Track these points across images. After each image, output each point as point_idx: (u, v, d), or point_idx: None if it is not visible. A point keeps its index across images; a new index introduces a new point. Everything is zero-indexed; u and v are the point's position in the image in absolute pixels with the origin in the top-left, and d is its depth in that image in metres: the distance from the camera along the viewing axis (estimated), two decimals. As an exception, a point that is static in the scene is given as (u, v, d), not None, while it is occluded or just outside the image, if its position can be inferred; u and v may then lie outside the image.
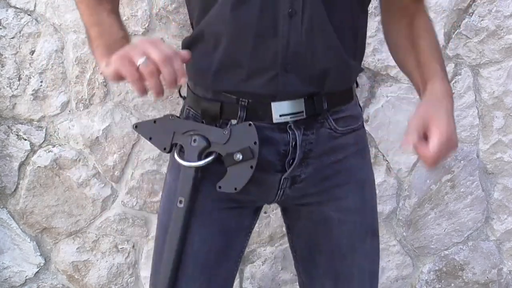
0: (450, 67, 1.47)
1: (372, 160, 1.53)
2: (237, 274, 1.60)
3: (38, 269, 1.56)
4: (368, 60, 1.44)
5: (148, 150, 1.46)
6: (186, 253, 0.92)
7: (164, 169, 1.37)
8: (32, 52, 1.36)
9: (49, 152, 1.44)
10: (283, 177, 0.91)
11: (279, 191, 0.93)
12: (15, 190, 1.48)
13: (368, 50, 1.42)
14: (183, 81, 0.72)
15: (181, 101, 1.01)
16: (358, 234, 0.98)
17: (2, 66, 1.37)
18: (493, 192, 1.62)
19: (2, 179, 1.47)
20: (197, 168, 0.88)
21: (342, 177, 0.95)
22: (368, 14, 1.41)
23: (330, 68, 0.86)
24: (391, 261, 1.65)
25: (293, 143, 0.88)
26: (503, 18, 1.42)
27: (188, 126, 0.89)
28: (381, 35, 1.41)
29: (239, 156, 0.85)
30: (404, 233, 1.63)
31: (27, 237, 1.52)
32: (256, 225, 1.55)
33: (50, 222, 1.51)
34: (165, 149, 0.90)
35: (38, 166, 1.45)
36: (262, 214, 1.54)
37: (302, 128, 0.88)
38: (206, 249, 0.94)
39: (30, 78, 1.38)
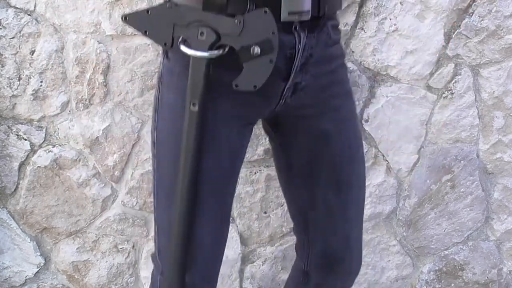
0: (450, 67, 1.47)
1: (372, 160, 1.53)
2: (237, 274, 1.61)
3: (38, 269, 1.56)
4: (368, 60, 1.44)
5: (148, 150, 1.46)
6: (200, 169, 0.85)
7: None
8: (32, 52, 1.36)
9: (49, 152, 1.44)
10: (286, 86, 0.87)
11: (280, 100, 0.89)
12: (15, 190, 1.48)
13: (368, 50, 1.43)
14: None
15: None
16: (353, 143, 0.98)
17: (2, 66, 1.37)
18: (493, 192, 1.62)
19: (2, 179, 1.47)
20: (208, 63, 0.78)
21: (335, 88, 0.94)
22: (368, 15, 1.42)
23: None
24: (391, 261, 1.65)
25: (298, 46, 0.83)
26: (503, 18, 1.42)
27: (191, 16, 0.79)
28: (381, 35, 1.42)
29: (257, 50, 0.78)
30: (404, 233, 1.63)
31: (27, 237, 1.52)
32: (256, 225, 1.56)
33: (50, 222, 1.51)
34: (165, 44, 0.81)
35: (38, 166, 1.45)
36: (262, 214, 1.54)
37: (306, 31, 0.84)
38: (217, 166, 0.89)
39: (30, 78, 1.38)
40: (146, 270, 1.58)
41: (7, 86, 1.38)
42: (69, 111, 1.42)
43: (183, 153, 0.83)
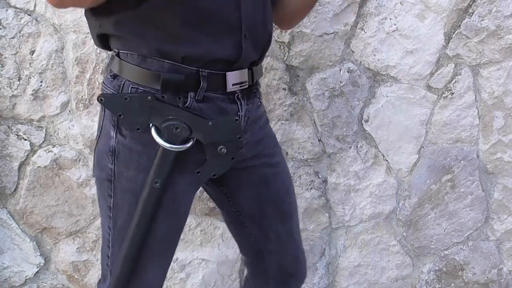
0: (450, 67, 1.47)
1: (372, 160, 1.53)
2: (237, 274, 1.61)
3: (38, 269, 1.56)
4: (368, 60, 1.44)
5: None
6: (154, 234, 0.94)
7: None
8: (32, 52, 1.36)
9: (49, 152, 1.44)
10: None
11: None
12: (15, 190, 1.48)
13: (368, 50, 1.43)
14: None
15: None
16: (287, 180, 1.12)
17: (2, 66, 1.37)
18: (493, 192, 1.62)
19: (2, 179, 1.47)
20: (176, 153, 0.87)
21: (268, 141, 1.07)
22: (368, 14, 1.42)
23: (270, 37, 0.98)
24: (391, 261, 1.65)
25: (241, 112, 0.95)
26: (503, 18, 1.42)
27: (167, 111, 0.87)
28: (381, 35, 1.42)
29: (223, 150, 0.90)
30: (404, 233, 1.63)
31: (27, 237, 1.52)
32: (256, 225, 1.56)
33: (50, 222, 1.51)
34: (138, 129, 0.88)
35: (38, 166, 1.45)
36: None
37: (245, 98, 0.96)
38: (174, 230, 0.99)
39: (30, 78, 1.38)
40: (146, 270, 1.58)
41: (7, 86, 1.38)
42: (69, 111, 1.42)
43: (137, 221, 0.91)
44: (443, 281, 1.69)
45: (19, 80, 1.38)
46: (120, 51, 0.90)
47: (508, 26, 1.43)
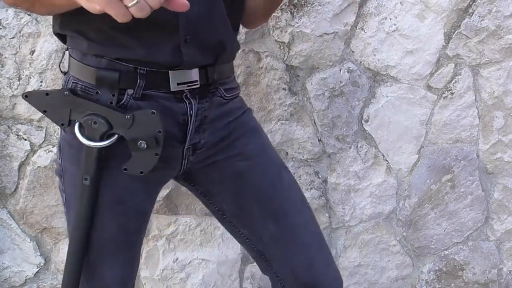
0: (450, 67, 1.47)
1: (372, 160, 1.53)
2: (237, 274, 1.61)
3: (38, 269, 1.56)
4: (368, 60, 1.44)
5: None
6: (102, 234, 0.93)
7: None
8: (32, 52, 1.36)
9: (49, 152, 1.44)
10: (185, 148, 0.93)
11: (183, 161, 0.95)
12: (15, 190, 1.48)
13: (368, 50, 1.43)
14: (186, 8, 0.70)
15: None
16: (271, 172, 1.01)
17: (2, 66, 1.37)
18: (493, 192, 1.62)
19: (2, 179, 1.47)
20: (99, 150, 0.85)
21: (237, 132, 1.00)
22: (368, 14, 1.42)
23: (225, 40, 0.92)
24: (391, 261, 1.65)
25: (190, 112, 0.91)
26: (503, 18, 1.42)
27: (86, 106, 0.85)
28: (381, 35, 1.42)
29: (143, 145, 0.85)
30: (404, 233, 1.63)
31: (27, 237, 1.52)
32: (256, 225, 1.56)
33: (50, 222, 1.51)
34: (62, 124, 0.87)
35: (38, 166, 1.45)
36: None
37: (197, 97, 0.92)
38: (125, 231, 0.95)
39: (30, 78, 1.38)
40: (146, 270, 1.58)
41: (7, 86, 1.38)
42: (69, 111, 1.42)
43: (75, 222, 0.91)
44: (443, 281, 1.69)
45: (19, 80, 1.38)
46: (69, 47, 0.92)
47: (508, 26, 1.43)
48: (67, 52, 0.94)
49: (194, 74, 0.90)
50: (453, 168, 1.57)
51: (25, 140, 1.43)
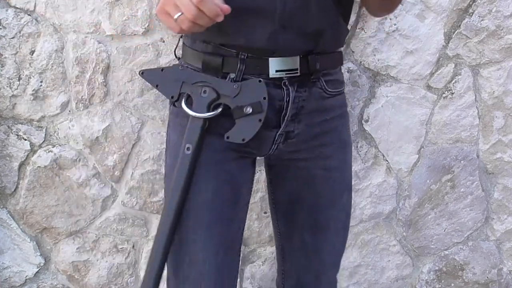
0: (450, 67, 1.47)
1: (372, 160, 1.53)
2: (237, 274, 1.61)
3: (38, 269, 1.56)
4: (368, 60, 1.44)
5: (148, 150, 1.46)
6: (197, 202, 0.94)
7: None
8: (32, 52, 1.36)
9: (49, 152, 1.44)
10: (278, 133, 0.96)
11: (273, 145, 0.98)
12: (15, 190, 1.48)
13: (368, 50, 1.43)
14: (220, 18, 0.79)
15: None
16: (338, 190, 1.05)
17: (2, 66, 1.37)
18: (493, 192, 1.62)
19: (2, 179, 1.47)
20: (205, 119, 0.90)
21: (328, 137, 1.01)
22: (368, 14, 1.41)
23: (324, 28, 0.92)
24: (391, 261, 1.65)
25: (287, 98, 0.94)
26: (503, 18, 1.42)
27: (198, 77, 0.92)
28: (381, 35, 1.42)
29: (249, 109, 0.89)
30: (404, 233, 1.63)
31: (27, 237, 1.52)
32: (256, 225, 1.57)
33: (50, 222, 1.51)
34: (172, 97, 0.94)
35: (38, 166, 1.45)
36: (262, 214, 1.54)
37: (295, 85, 0.94)
38: (219, 198, 0.97)
39: (30, 78, 1.38)
40: (146, 270, 1.58)
41: (7, 86, 1.38)
42: (69, 111, 1.42)
43: (171, 190, 0.93)
44: (443, 281, 1.69)
45: (19, 80, 1.38)
46: (183, 35, 1.00)
47: (508, 26, 1.43)
48: (181, 39, 1.03)
49: (294, 62, 0.92)
50: (453, 168, 1.57)
51: (25, 140, 1.43)
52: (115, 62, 1.38)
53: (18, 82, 1.38)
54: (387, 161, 1.54)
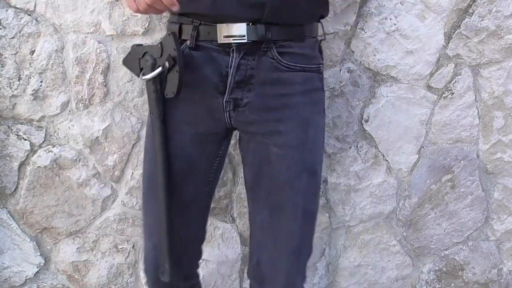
0: (450, 67, 1.47)
1: (372, 160, 1.53)
2: (237, 274, 1.61)
3: (38, 269, 1.56)
4: (368, 60, 1.44)
5: (148, 150, 1.46)
6: (146, 169, 1.08)
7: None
8: (32, 52, 1.36)
9: (49, 152, 1.44)
10: (224, 99, 0.99)
11: (225, 113, 1.01)
12: (15, 190, 1.48)
13: (368, 50, 1.43)
14: (175, 8, 0.85)
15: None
16: (294, 170, 1.01)
17: (2, 66, 1.37)
18: (493, 192, 1.62)
19: (2, 179, 1.47)
20: (154, 80, 0.98)
21: (287, 112, 1.00)
22: (368, 14, 1.42)
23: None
24: (391, 261, 1.65)
25: (231, 64, 0.97)
26: (503, 18, 1.42)
27: (144, 49, 1.00)
28: (381, 35, 1.42)
29: (167, 65, 0.95)
30: (404, 233, 1.63)
31: (27, 237, 1.52)
32: (256, 225, 1.56)
33: (50, 222, 1.51)
34: (138, 74, 1.01)
35: (38, 166, 1.45)
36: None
37: (242, 52, 0.96)
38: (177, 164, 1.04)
39: (30, 78, 1.38)
40: (146, 270, 1.58)
41: (7, 86, 1.38)
42: (69, 111, 1.42)
43: (155, 150, 1.02)
44: (443, 281, 1.69)
45: (19, 80, 1.38)
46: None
47: (508, 26, 1.43)
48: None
49: (240, 29, 0.94)
50: (453, 168, 1.57)
51: (25, 140, 1.43)
52: (115, 62, 1.38)
53: (18, 82, 1.38)
54: (387, 161, 1.54)
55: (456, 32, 1.44)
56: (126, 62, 1.06)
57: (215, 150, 1.10)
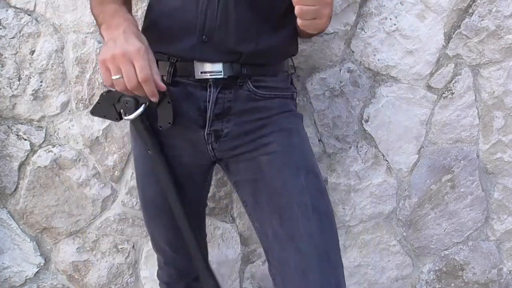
0: (450, 67, 1.47)
1: (372, 160, 1.53)
2: (237, 274, 1.61)
3: (38, 269, 1.56)
4: (368, 60, 1.44)
5: (148, 150, 1.46)
6: (144, 198, 1.14)
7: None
8: (32, 52, 1.36)
9: (49, 152, 1.44)
10: (205, 132, 1.02)
11: (208, 146, 1.04)
12: (15, 190, 1.48)
13: (368, 50, 1.43)
14: (155, 99, 0.90)
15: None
16: (288, 171, 1.00)
17: (2, 66, 1.37)
18: (493, 192, 1.62)
19: (2, 179, 1.47)
20: (142, 118, 0.99)
21: (268, 128, 1.03)
22: (368, 14, 1.42)
23: (244, 46, 0.97)
24: (391, 261, 1.65)
25: (209, 99, 1.00)
26: (503, 18, 1.42)
27: (117, 94, 0.98)
28: (381, 35, 1.42)
29: (153, 100, 0.96)
30: (404, 233, 1.63)
31: (27, 237, 1.52)
32: (256, 225, 1.56)
33: (50, 222, 1.51)
34: (117, 118, 1.01)
35: (38, 166, 1.45)
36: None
37: (219, 87, 0.99)
38: (161, 197, 1.08)
39: (30, 78, 1.38)
40: (146, 270, 1.58)
41: (7, 86, 1.38)
42: (69, 111, 1.42)
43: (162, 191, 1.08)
44: (443, 281, 1.69)
45: (19, 80, 1.38)
46: None
47: (508, 26, 1.43)
48: None
49: (217, 66, 0.98)
50: (453, 168, 1.57)
51: (25, 140, 1.43)
52: (115, 62, 1.38)
53: (18, 82, 1.38)
54: (387, 161, 1.54)
55: (456, 32, 1.44)
56: (97, 111, 1.02)
57: (202, 179, 1.16)
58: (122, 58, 0.86)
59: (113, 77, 0.87)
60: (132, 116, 0.97)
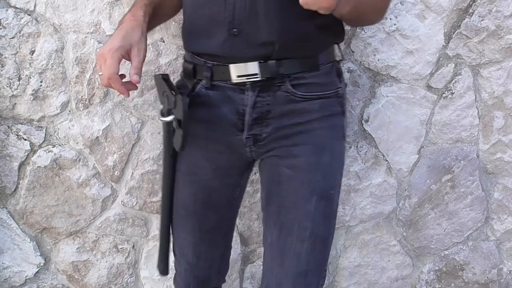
0: (450, 67, 1.47)
1: (372, 160, 1.53)
2: (237, 274, 1.61)
3: (38, 269, 1.56)
4: (368, 60, 1.44)
5: (148, 150, 1.46)
6: (176, 198, 1.12)
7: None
8: (32, 52, 1.36)
9: (49, 152, 1.44)
10: (244, 136, 1.01)
11: (246, 148, 1.04)
12: (15, 190, 1.48)
13: (368, 50, 1.43)
14: (135, 82, 0.91)
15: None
16: (302, 193, 1.00)
17: (2, 66, 1.37)
18: (493, 192, 1.62)
19: (2, 179, 1.47)
20: (168, 124, 1.00)
21: (302, 137, 1.01)
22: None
23: (276, 37, 0.94)
24: (391, 261, 1.65)
25: (247, 103, 0.99)
26: (503, 18, 1.42)
27: (163, 87, 1.00)
28: (381, 35, 1.42)
29: (175, 124, 0.99)
30: (404, 233, 1.63)
31: (27, 237, 1.52)
32: (256, 225, 1.57)
33: (50, 222, 1.51)
34: (161, 101, 1.04)
35: (38, 166, 1.45)
36: (262, 214, 1.54)
37: (257, 90, 0.98)
38: (193, 198, 1.10)
39: (30, 78, 1.38)
40: (146, 270, 1.58)
41: (7, 86, 1.38)
42: (69, 111, 1.42)
43: (162, 188, 1.13)
44: (443, 281, 1.69)
45: (19, 80, 1.38)
46: None
47: (508, 26, 1.43)
48: None
49: (253, 67, 0.96)
50: (453, 168, 1.57)
51: (25, 140, 1.43)
52: (115, 62, 1.38)
53: (18, 82, 1.38)
54: (387, 161, 1.54)
55: (456, 32, 1.44)
56: (157, 82, 1.05)
57: (237, 181, 1.14)
58: (100, 57, 0.92)
59: (99, 73, 0.92)
60: (163, 119, 1.00)
